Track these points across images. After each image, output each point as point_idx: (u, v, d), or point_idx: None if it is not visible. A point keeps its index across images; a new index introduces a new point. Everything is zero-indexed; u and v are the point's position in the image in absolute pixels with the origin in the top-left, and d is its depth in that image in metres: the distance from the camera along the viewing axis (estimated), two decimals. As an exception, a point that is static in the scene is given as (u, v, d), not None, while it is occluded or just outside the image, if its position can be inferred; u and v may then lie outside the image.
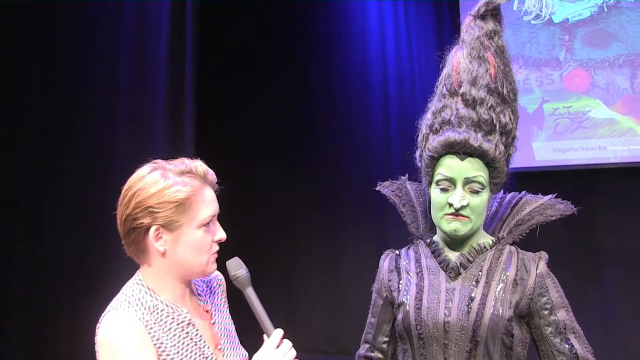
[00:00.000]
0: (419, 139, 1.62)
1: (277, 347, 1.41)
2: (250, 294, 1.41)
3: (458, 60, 1.57)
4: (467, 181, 1.53)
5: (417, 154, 1.64)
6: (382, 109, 4.62)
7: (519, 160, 3.69)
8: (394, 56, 4.53)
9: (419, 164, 1.64)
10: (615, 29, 4.16)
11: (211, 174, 1.49)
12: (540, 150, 4.34)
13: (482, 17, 1.59)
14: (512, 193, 1.70)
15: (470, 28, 1.60)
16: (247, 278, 1.45)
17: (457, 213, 1.54)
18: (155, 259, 1.46)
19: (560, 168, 4.29)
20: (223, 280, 1.65)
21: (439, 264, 1.60)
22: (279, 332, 1.40)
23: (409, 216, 1.71)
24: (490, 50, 1.55)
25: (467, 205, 1.53)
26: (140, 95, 3.61)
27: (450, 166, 1.53)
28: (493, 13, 1.61)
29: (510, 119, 1.56)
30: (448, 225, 1.54)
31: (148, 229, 1.42)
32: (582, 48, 4.29)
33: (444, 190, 1.55)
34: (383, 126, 4.61)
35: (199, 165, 1.48)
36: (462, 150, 1.52)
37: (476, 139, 1.50)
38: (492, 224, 1.70)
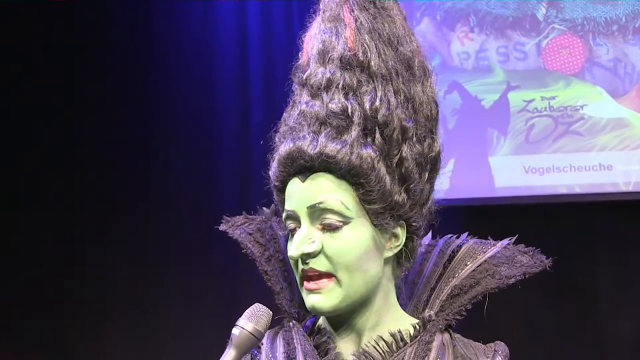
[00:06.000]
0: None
1: None
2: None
3: (310, 33, 1.35)
4: (314, 211, 1.25)
5: None
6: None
7: (467, 186, 3.69)
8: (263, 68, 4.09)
9: None
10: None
11: None
12: (502, 169, 3.77)
13: None
14: (445, 237, 1.44)
15: None
16: (246, 338, 1.22)
17: (309, 272, 1.24)
18: None
19: (537, 200, 3.74)
20: None
21: None
22: None
23: (277, 279, 1.41)
24: (348, 3, 1.32)
25: (321, 252, 1.24)
26: None
27: (290, 194, 1.28)
28: None
29: (388, 102, 1.27)
30: (307, 299, 1.26)
31: None
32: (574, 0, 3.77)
33: (293, 236, 1.29)
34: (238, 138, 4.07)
35: None
36: (299, 166, 1.26)
37: (314, 143, 1.26)
38: (413, 293, 1.42)
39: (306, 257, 1.26)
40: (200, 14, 4.11)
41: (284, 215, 1.32)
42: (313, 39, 1.34)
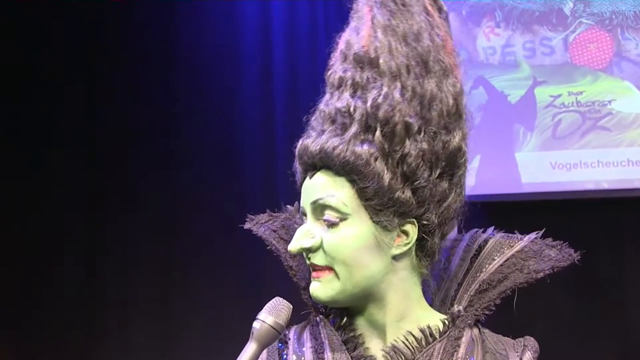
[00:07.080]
0: None
1: None
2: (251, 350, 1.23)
3: (343, 34, 1.40)
4: (316, 207, 1.29)
5: None
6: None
7: (493, 182, 3.74)
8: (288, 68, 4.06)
9: None
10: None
11: None
12: (529, 165, 3.78)
13: None
14: (471, 232, 1.44)
15: None
16: (267, 331, 1.23)
17: (313, 266, 1.30)
18: None
19: (564, 196, 3.72)
20: None
21: None
22: None
23: (303, 274, 1.41)
24: (370, 1, 1.36)
25: (320, 247, 1.28)
26: None
27: (302, 191, 1.34)
28: None
29: (391, 98, 1.28)
30: (311, 287, 1.32)
31: None
32: (602, -7, 3.73)
33: None
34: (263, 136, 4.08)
35: None
36: (304, 163, 1.32)
37: (317, 140, 1.30)
38: (439, 289, 1.44)
39: (306, 251, 1.30)
40: (225, 13, 4.11)
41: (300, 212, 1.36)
42: (342, 39, 1.37)
